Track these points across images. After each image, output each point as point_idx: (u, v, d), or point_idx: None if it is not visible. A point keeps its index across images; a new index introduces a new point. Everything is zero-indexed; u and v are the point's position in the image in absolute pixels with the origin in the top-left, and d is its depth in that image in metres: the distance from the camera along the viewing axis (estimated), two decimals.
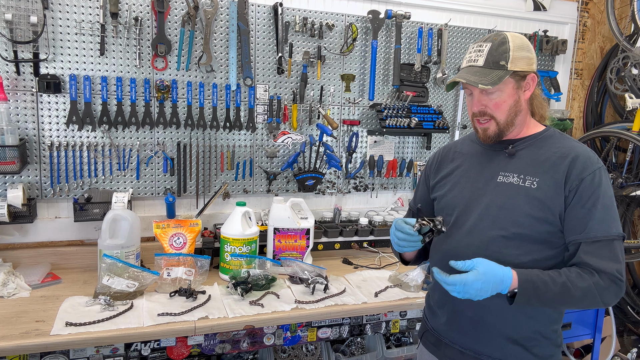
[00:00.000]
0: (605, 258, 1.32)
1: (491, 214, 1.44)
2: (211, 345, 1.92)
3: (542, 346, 1.47)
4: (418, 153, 2.95)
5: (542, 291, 1.30)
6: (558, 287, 1.30)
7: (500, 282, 1.29)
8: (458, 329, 1.53)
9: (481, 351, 1.49)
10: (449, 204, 1.55)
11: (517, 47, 1.40)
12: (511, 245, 1.40)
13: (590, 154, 1.40)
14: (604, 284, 1.31)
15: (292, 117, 2.60)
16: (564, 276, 1.32)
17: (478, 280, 1.27)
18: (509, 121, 1.44)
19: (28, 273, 2.12)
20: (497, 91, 1.41)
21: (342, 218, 2.78)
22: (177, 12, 2.34)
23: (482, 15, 2.95)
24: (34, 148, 2.22)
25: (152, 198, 2.45)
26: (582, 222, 1.34)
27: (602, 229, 1.33)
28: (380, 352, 2.47)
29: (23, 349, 1.63)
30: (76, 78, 2.21)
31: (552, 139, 1.47)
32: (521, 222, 1.39)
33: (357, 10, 2.67)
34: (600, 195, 1.34)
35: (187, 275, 2.09)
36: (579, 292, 1.30)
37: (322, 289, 2.14)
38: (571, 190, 1.36)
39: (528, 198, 1.39)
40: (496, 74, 1.39)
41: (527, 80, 1.43)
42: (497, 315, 1.45)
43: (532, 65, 1.42)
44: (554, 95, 3.16)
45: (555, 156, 1.41)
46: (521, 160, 1.45)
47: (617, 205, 1.49)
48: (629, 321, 3.48)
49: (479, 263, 1.30)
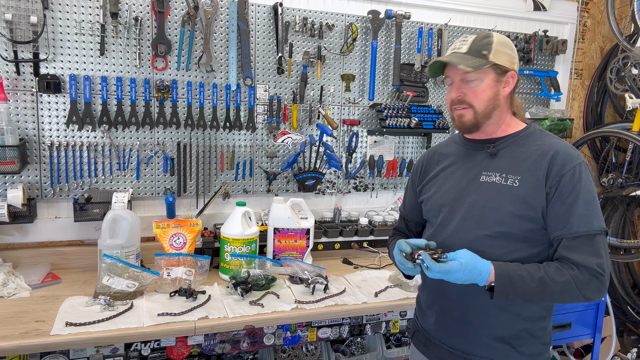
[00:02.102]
0: (586, 253, 1.33)
1: (475, 214, 1.46)
2: (211, 345, 1.92)
3: (530, 344, 1.47)
4: (418, 153, 2.95)
5: (519, 285, 1.33)
6: (536, 282, 1.33)
7: (479, 274, 1.34)
8: (446, 329, 1.55)
9: (469, 351, 1.50)
10: (435, 206, 1.58)
11: (500, 43, 1.45)
12: (495, 245, 1.42)
13: (570, 150, 1.40)
14: (583, 278, 1.32)
15: (292, 117, 2.60)
16: (542, 271, 1.34)
17: (459, 271, 1.33)
18: (486, 112, 1.46)
19: (28, 273, 2.12)
20: (477, 79, 1.44)
21: (342, 218, 2.78)
22: (177, 12, 2.34)
23: (482, 15, 2.95)
24: (34, 148, 2.22)
25: (152, 198, 2.45)
26: (564, 218, 1.35)
27: (583, 224, 1.34)
28: (380, 352, 2.47)
29: (23, 349, 1.63)
30: (76, 78, 2.21)
31: (533, 136, 1.48)
32: (504, 220, 1.41)
33: (357, 10, 2.67)
34: (581, 190, 1.35)
35: (187, 275, 2.09)
36: (558, 287, 1.32)
37: (322, 289, 2.14)
38: (552, 186, 1.37)
39: (510, 197, 1.41)
40: (478, 60, 1.42)
41: (507, 77, 1.46)
42: (483, 314, 1.47)
43: (514, 65, 1.47)
44: (554, 95, 3.16)
45: (536, 154, 1.42)
46: (503, 159, 1.47)
47: (617, 205, 1.50)
48: (629, 321, 3.48)
49: (462, 254, 1.36)
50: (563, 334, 2.61)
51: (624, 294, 3.35)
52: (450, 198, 1.53)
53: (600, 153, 3.38)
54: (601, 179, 3.23)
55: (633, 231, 3.43)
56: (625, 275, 3.40)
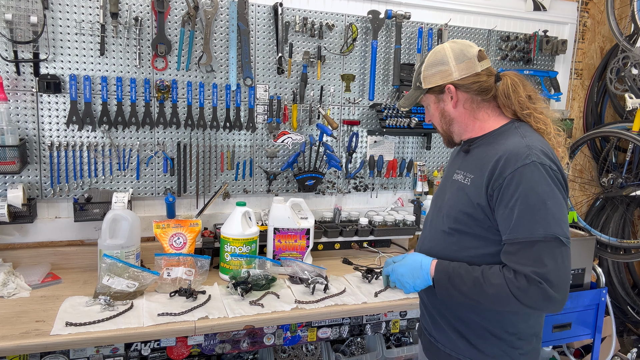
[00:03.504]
0: (523, 259, 1.28)
1: (442, 211, 1.54)
2: (211, 345, 1.92)
3: (493, 345, 1.46)
4: (418, 153, 2.95)
5: (456, 283, 1.38)
6: (471, 281, 1.35)
7: (420, 267, 1.46)
8: (425, 317, 1.65)
9: (438, 339, 1.57)
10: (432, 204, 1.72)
11: (428, 65, 1.51)
12: (451, 241, 1.48)
13: (519, 151, 1.33)
14: (518, 284, 1.28)
15: (292, 117, 2.60)
16: (479, 271, 1.36)
17: (402, 266, 1.51)
18: (446, 129, 1.58)
19: (28, 273, 2.12)
20: (427, 106, 1.59)
21: (342, 218, 2.78)
22: (177, 12, 2.34)
23: (482, 15, 2.95)
24: (34, 148, 2.22)
25: (152, 198, 2.45)
26: (506, 223, 1.33)
27: (523, 230, 1.29)
28: (380, 352, 2.47)
29: (23, 349, 1.63)
30: (76, 78, 2.21)
31: (503, 135, 1.46)
32: (456, 217, 1.46)
33: (357, 10, 2.67)
34: (523, 194, 1.29)
35: (187, 275, 2.09)
36: (492, 289, 1.32)
37: (322, 289, 2.14)
38: (494, 189, 1.35)
39: (462, 194, 1.46)
40: (415, 94, 1.58)
41: (446, 93, 1.50)
42: (444, 306, 1.53)
43: (450, 76, 1.47)
44: (554, 96, 3.16)
45: (491, 154, 1.42)
46: (471, 158, 1.51)
47: (617, 205, 1.49)
48: (629, 321, 3.48)
49: (407, 255, 1.56)
50: (563, 334, 2.61)
51: (624, 294, 3.35)
52: (436, 196, 1.66)
53: (600, 153, 3.38)
54: (601, 179, 3.23)
55: (633, 231, 3.44)
56: (625, 275, 3.40)
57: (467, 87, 1.47)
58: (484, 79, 1.47)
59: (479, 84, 1.47)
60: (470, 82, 1.47)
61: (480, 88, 1.47)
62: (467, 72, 1.47)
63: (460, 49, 1.48)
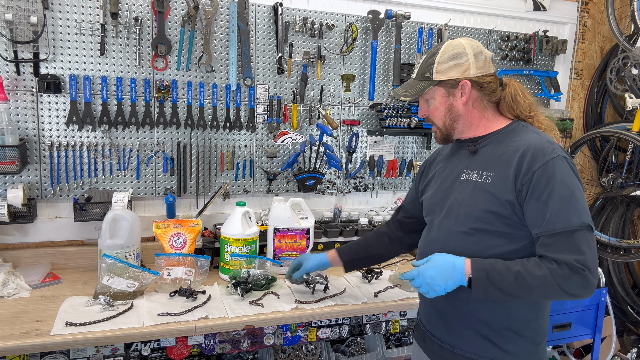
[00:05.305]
0: (564, 250, 1.31)
1: (454, 211, 1.50)
2: (211, 345, 1.92)
3: (515, 343, 1.47)
4: (418, 153, 2.95)
5: (496, 280, 1.34)
6: (513, 276, 1.33)
7: (452, 268, 1.38)
8: (435, 322, 1.59)
9: (455, 345, 1.52)
10: (428, 205, 1.65)
11: (444, 57, 1.48)
12: (471, 241, 1.45)
13: (543, 146, 1.38)
14: (562, 272, 1.30)
15: (292, 117, 2.60)
16: (519, 265, 1.34)
17: (431, 268, 1.40)
18: (448, 126, 1.54)
19: (28, 273, 2.12)
20: (431, 99, 1.53)
21: (342, 218, 2.78)
22: (177, 12, 2.34)
23: (482, 15, 2.95)
24: (34, 148, 2.22)
25: (152, 198, 2.45)
26: (540, 216, 1.34)
27: (560, 220, 1.32)
28: (380, 352, 2.48)
29: (23, 349, 1.63)
30: (76, 78, 2.21)
31: (513, 133, 1.49)
32: (478, 217, 1.43)
33: (357, 10, 2.67)
34: (556, 186, 1.33)
35: (187, 275, 2.09)
36: (536, 281, 1.31)
37: (322, 289, 2.14)
38: (524, 184, 1.36)
39: (483, 193, 1.43)
40: (422, 84, 1.51)
41: (459, 88, 1.48)
42: (465, 308, 1.48)
43: (467, 72, 1.47)
44: (554, 96, 3.16)
45: (510, 150, 1.43)
46: (482, 157, 1.50)
47: (617, 205, 1.50)
48: (629, 321, 3.48)
49: (433, 256, 1.44)
50: (563, 334, 2.61)
51: (624, 294, 3.35)
52: (438, 197, 1.60)
53: (600, 153, 3.38)
54: (601, 179, 3.23)
55: (633, 231, 3.43)
56: (625, 275, 3.40)
57: (482, 85, 1.48)
58: (495, 81, 1.50)
59: (491, 85, 1.50)
60: (486, 81, 1.49)
61: (491, 89, 1.50)
62: (484, 71, 1.48)
63: (478, 47, 1.49)
